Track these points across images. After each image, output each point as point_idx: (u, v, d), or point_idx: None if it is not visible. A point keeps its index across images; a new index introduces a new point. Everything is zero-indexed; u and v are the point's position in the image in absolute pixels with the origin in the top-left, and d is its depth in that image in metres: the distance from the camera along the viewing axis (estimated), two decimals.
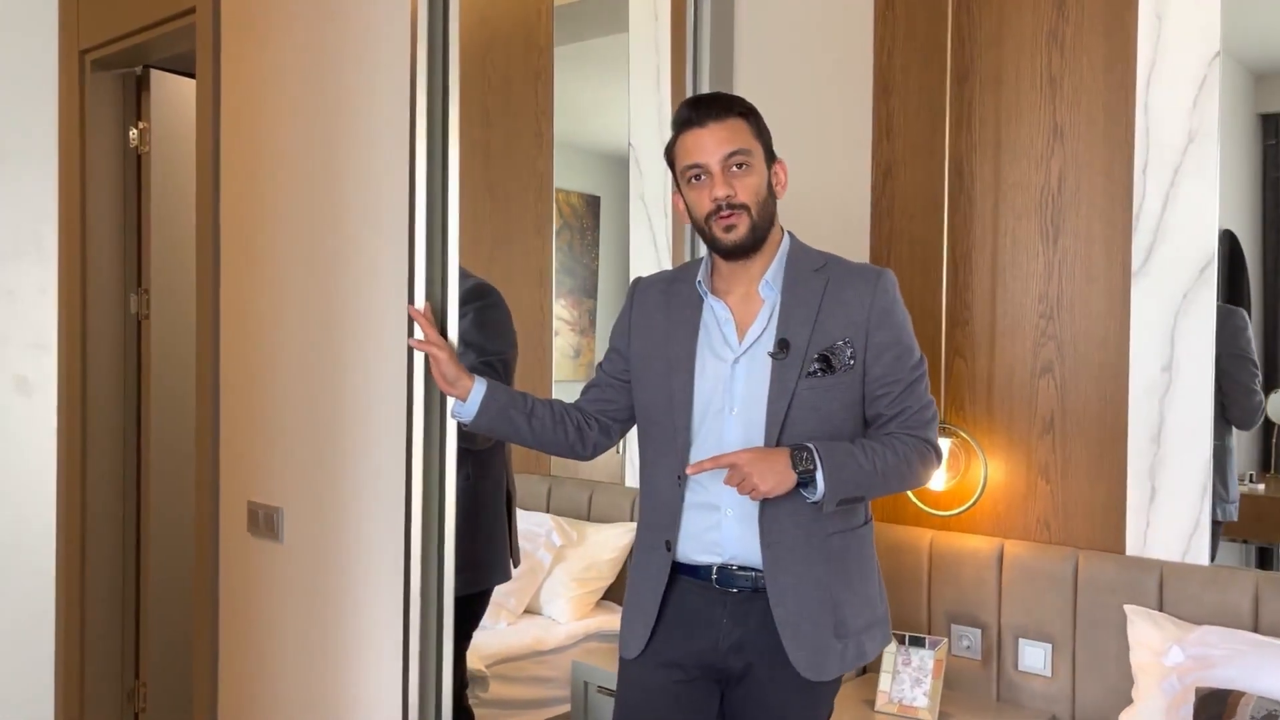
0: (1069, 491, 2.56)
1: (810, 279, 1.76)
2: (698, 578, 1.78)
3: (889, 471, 1.72)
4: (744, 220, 1.72)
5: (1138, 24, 2.46)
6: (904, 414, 1.76)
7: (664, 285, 1.88)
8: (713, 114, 1.72)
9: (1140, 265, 2.45)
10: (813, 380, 1.71)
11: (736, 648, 1.76)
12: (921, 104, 2.82)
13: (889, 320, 1.75)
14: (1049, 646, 2.52)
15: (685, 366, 1.77)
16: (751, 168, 1.73)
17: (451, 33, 1.93)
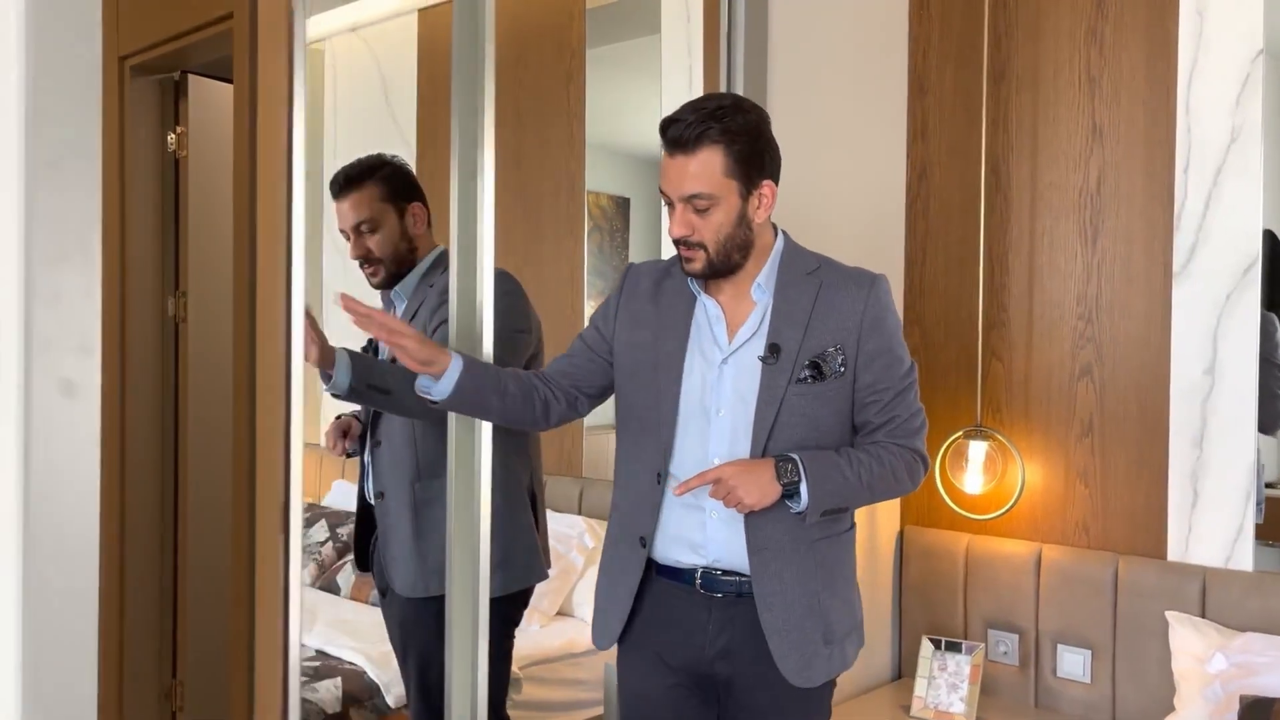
0: (1109, 495, 2.53)
1: (803, 282, 1.73)
2: (680, 581, 1.74)
3: (874, 482, 1.71)
4: (700, 257, 1.68)
5: (1179, 21, 2.42)
6: (892, 422, 1.74)
7: (657, 276, 1.82)
8: (682, 144, 1.63)
9: (1182, 266, 2.41)
10: (802, 386, 1.68)
11: (723, 654, 1.73)
12: (957, 104, 2.79)
13: (881, 328, 1.73)
14: (1088, 653, 2.49)
15: (674, 364, 1.73)
16: (714, 207, 1.65)
17: (487, 35, 1.94)
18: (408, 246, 2.22)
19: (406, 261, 2.23)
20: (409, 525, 2.18)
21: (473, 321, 1.94)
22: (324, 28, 4.00)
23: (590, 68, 3.31)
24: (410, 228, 2.22)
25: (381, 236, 2.20)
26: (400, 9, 3.76)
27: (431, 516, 2.13)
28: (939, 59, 2.83)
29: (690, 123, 1.64)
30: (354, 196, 2.20)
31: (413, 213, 2.22)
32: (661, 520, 1.73)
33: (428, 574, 2.15)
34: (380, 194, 2.20)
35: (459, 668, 1.94)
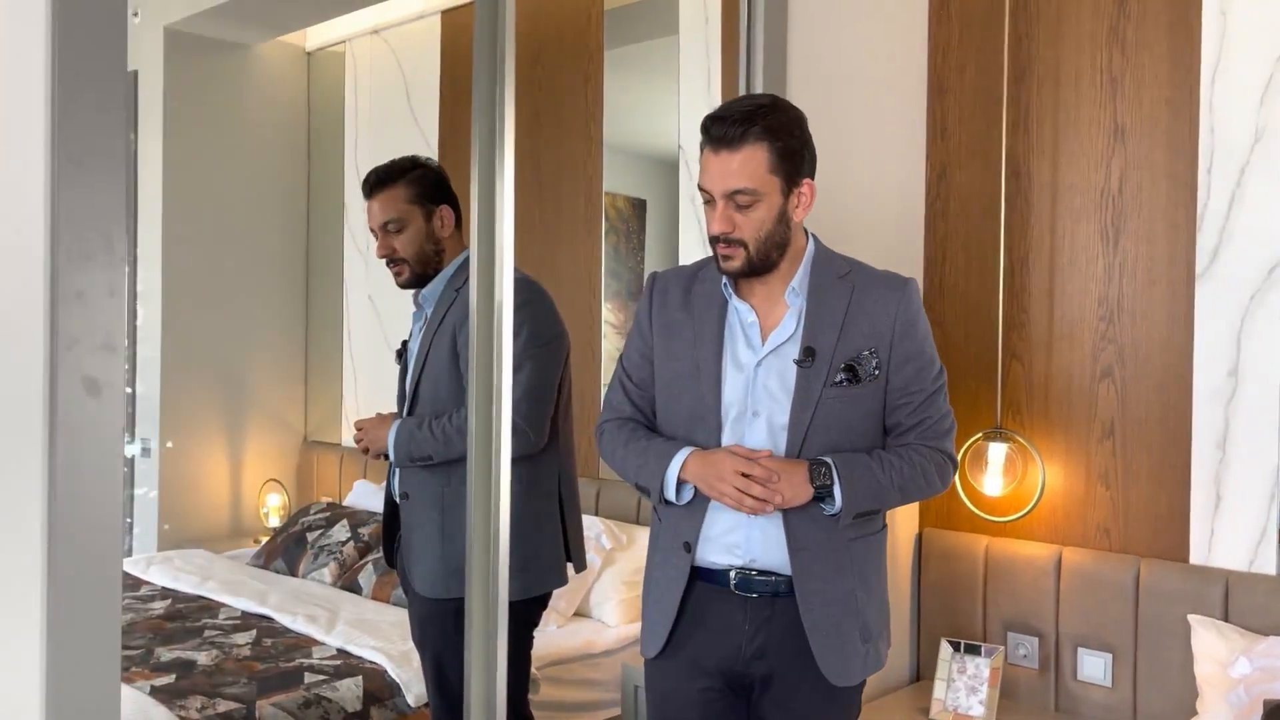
0: (1130, 498, 2.51)
1: (836, 286, 1.75)
2: (715, 583, 1.76)
3: (906, 485, 1.74)
4: (740, 255, 1.69)
5: (1202, 20, 2.40)
6: (923, 424, 1.76)
7: (685, 283, 1.83)
8: (727, 141, 1.65)
9: (1205, 267, 2.39)
10: (837, 389, 1.70)
11: (759, 654, 1.74)
12: (977, 104, 2.78)
13: (913, 331, 1.75)
14: (1109, 656, 2.47)
15: (712, 370, 1.74)
16: (758, 204, 1.66)
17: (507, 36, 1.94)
18: (434, 248, 2.25)
19: (432, 263, 2.26)
20: (433, 526, 2.20)
21: (491, 321, 1.94)
22: (345, 30, 4.02)
23: (608, 69, 3.32)
24: (437, 230, 2.24)
25: (407, 236, 2.23)
26: (423, 11, 3.78)
27: (457, 519, 2.14)
28: (959, 59, 2.82)
29: (735, 120, 1.65)
30: (383, 196, 2.23)
31: (440, 215, 2.24)
32: (704, 524, 1.75)
33: (448, 575, 2.17)
34: (408, 194, 2.23)
35: (478, 668, 1.94)
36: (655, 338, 1.82)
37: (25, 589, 1.28)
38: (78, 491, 1.29)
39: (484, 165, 1.95)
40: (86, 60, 1.29)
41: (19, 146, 1.26)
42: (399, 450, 2.19)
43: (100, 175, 1.30)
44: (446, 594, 2.17)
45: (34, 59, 1.27)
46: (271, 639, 2.78)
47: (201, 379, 3.87)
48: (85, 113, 1.28)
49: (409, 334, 2.34)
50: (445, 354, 2.20)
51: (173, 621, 2.92)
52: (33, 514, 1.28)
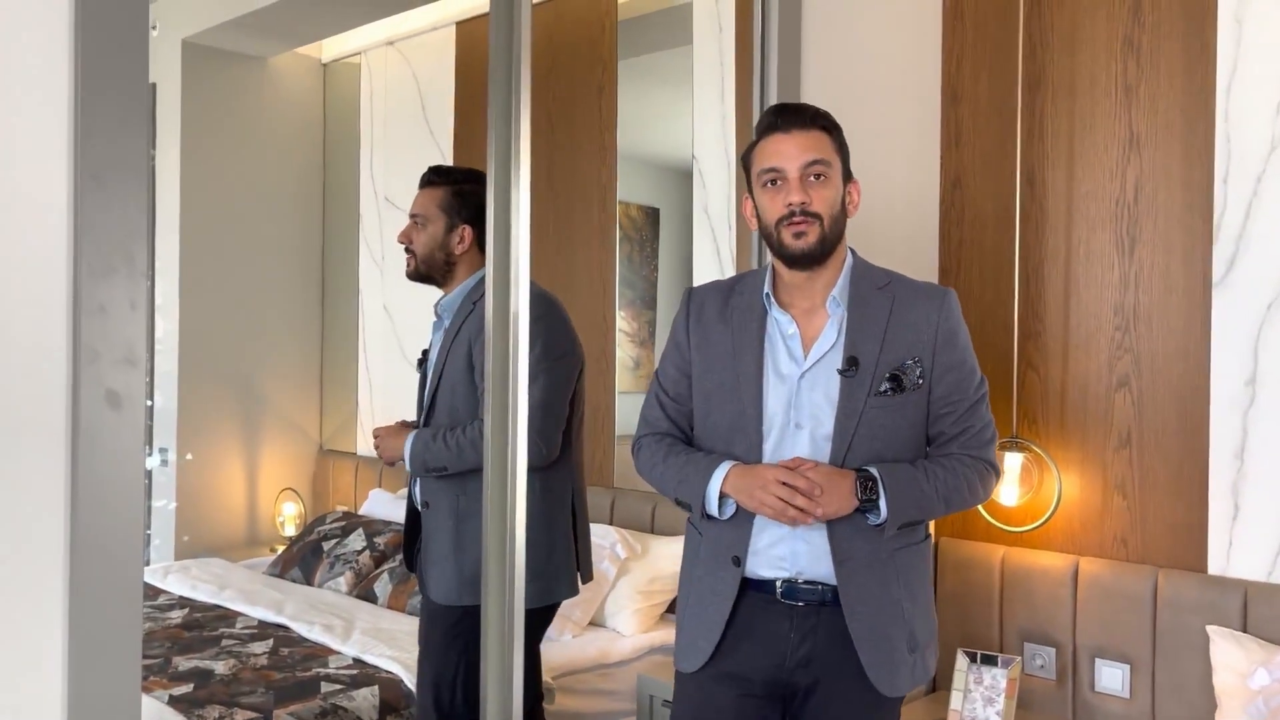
0: (1147, 508, 2.50)
1: (876, 296, 1.76)
2: (762, 592, 1.76)
3: (950, 495, 1.74)
4: (815, 230, 1.71)
5: (1217, 30, 2.40)
6: (966, 433, 1.77)
7: (722, 296, 1.84)
8: (798, 122, 1.73)
9: (1221, 276, 2.39)
10: (882, 399, 1.71)
11: (804, 662, 1.75)
12: (991, 113, 2.78)
13: (955, 341, 1.76)
14: (1127, 667, 2.46)
15: (754, 381, 1.75)
16: (829, 179, 1.72)
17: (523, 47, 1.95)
18: (443, 258, 2.32)
19: (439, 271, 2.33)
20: (448, 535, 2.24)
21: (507, 333, 1.95)
22: (361, 41, 4.05)
23: (622, 78, 3.33)
24: (452, 243, 2.31)
25: (425, 235, 2.32)
26: (438, 22, 3.80)
27: (471, 529, 2.17)
28: (973, 68, 2.82)
29: (801, 108, 1.78)
30: (427, 190, 2.34)
31: (460, 232, 2.31)
32: (752, 537, 1.75)
33: (463, 584, 2.20)
34: (442, 200, 2.32)
35: (494, 678, 1.94)
36: (693, 352, 1.83)
37: (47, 599, 1.29)
38: (99, 503, 1.31)
39: (500, 175, 1.96)
40: (109, 78, 1.30)
41: (42, 163, 1.28)
42: (414, 460, 2.23)
43: (122, 191, 1.31)
44: (459, 601, 2.21)
45: (57, 77, 1.29)
46: (288, 648, 2.79)
47: (218, 390, 3.89)
48: (107, 130, 1.30)
49: (429, 343, 2.37)
50: (461, 365, 2.23)
51: (190, 631, 2.93)
52: (55, 525, 1.29)
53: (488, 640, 1.94)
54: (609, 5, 3.35)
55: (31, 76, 1.27)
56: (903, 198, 2.76)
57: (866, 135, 2.62)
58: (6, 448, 1.26)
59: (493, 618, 1.94)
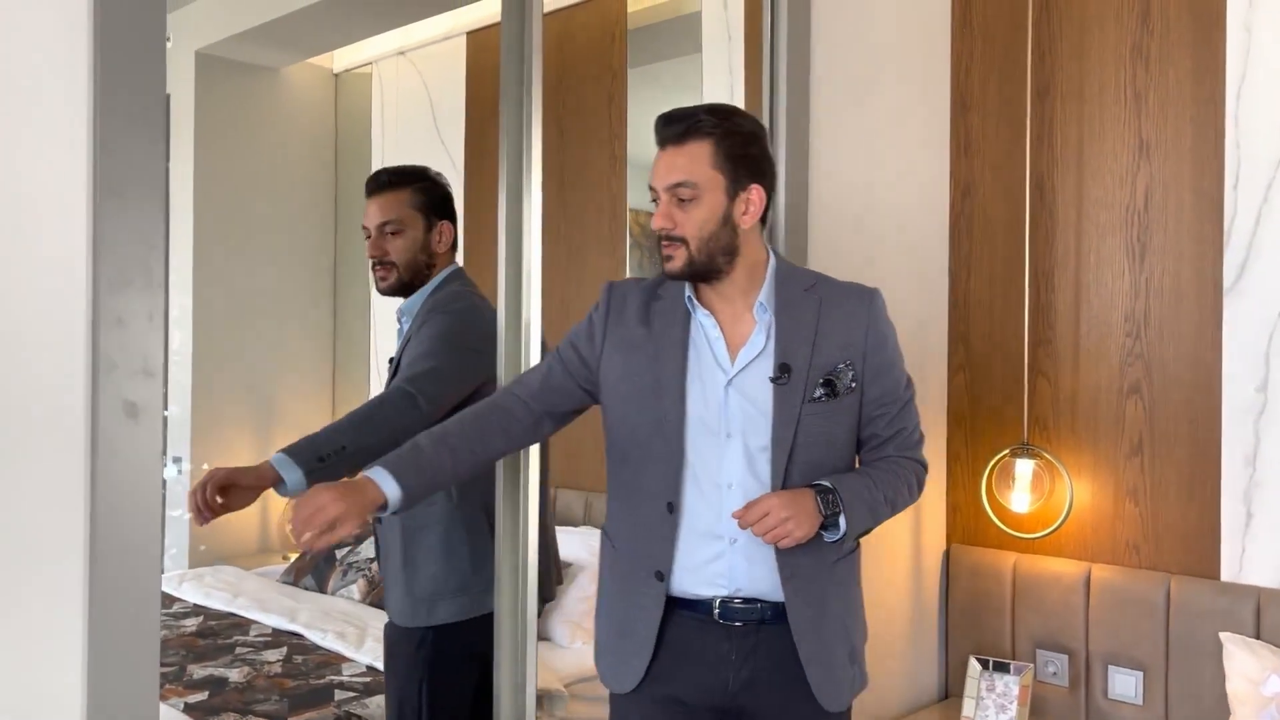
0: (1159, 515, 2.49)
1: (803, 299, 1.69)
2: (696, 612, 1.67)
3: (896, 500, 1.70)
4: (680, 253, 1.63)
5: (1226, 37, 2.40)
6: (900, 435, 1.73)
7: (644, 296, 1.74)
8: (671, 136, 1.64)
9: (1232, 283, 2.38)
10: (816, 405, 1.65)
11: (748, 684, 1.67)
12: (1001, 120, 2.78)
13: (885, 341, 1.71)
14: (1140, 674, 2.45)
15: (676, 386, 1.66)
16: (698, 200, 1.61)
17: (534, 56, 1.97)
18: (426, 260, 2.18)
19: (421, 275, 2.18)
20: (399, 552, 2.11)
21: (519, 339, 1.96)
22: (372, 51, 4.07)
23: (631, 87, 3.34)
24: (434, 243, 2.18)
25: (403, 242, 2.15)
26: (448, 32, 3.82)
27: (421, 543, 2.07)
28: (982, 75, 2.82)
29: (681, 117, 1.64)
30: (387, 196, 2.17)
31: (440, 230, 2.18)
32: (678, 552, 1.66)
33: (415, 603, 2.09)
34: (414, 201, 2.17)
35: (506, 681, 1.95)
36: (607, 349, 1.73)
37: (67, 606, 1.30)
38: (118, 511, 1.32)
39: (511, 183, 1.98)
40: (127, 94, 1.32)
41: (62, 177, 1.30)
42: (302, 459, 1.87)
43: (139, 205, 1.33)
44: (411, 622, 2.10)
45: (76, 93, 1.31)
46: (302, 656, 2.80)
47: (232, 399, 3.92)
48: (125, 144, 1.32)
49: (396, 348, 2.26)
50: None
51: (205, 638, 2.95)
52: (74, 533, 1.31)
53: (500, 643, 1.95)
54: (619, 14, 3.37)
55: (51, 92, 1.29)
56: (913, 205, 2.77)
57: (876, 144, 2.64)
58: (27, 457, 1.27)
59: (505, 625, 1.95)
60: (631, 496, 1.71)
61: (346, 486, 1.54)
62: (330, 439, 1.86)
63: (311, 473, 1.80)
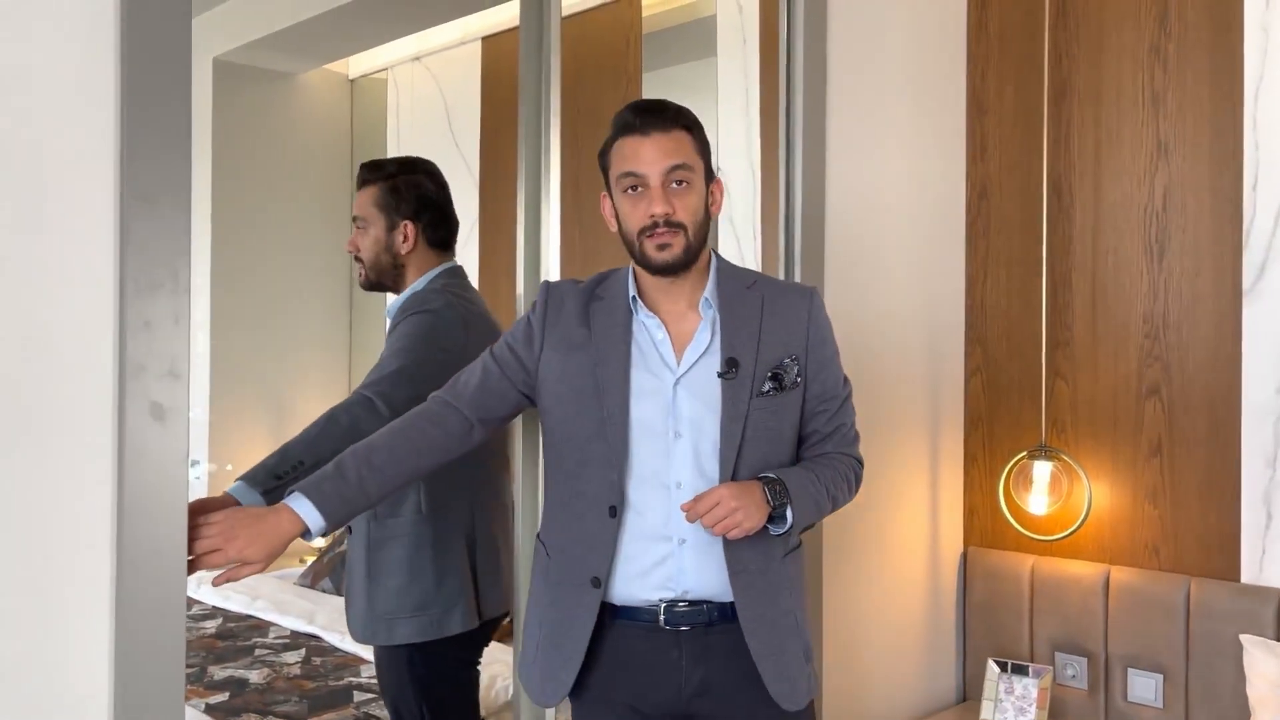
0: (1179, 517, 2.49)
1: (745, 296, 1.68)
2: (638, 620, 1.62)
3: (837, 495, 1.70)
4: (679, 240, 1.60)
5: (1244, 38, 2.40)
6: (839, 431, 1.72)
7: (583, 296, 1.71)
8: (658, 123, 1.60)
9: (1252, 284, 2.38)
10: (764, 400, 1.63)
11: (701, 691, 1.63)
12: (1017, 122, 2.78)
13: (825, 338, 1.71)
14: (1160, 677, 2.44)
15: (619, 388, 1.62)
16: (691, 185, 1.61)
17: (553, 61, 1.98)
18: (390, 261, 2.12)
19: (388, 275, 2.13)
20: (362, 566, 2.05)
21: None
22: (388, 57, 4.10)
23: (646, 90, 3.35)
24: (396, 243, 2.11)
25: (367, 240, 2.12)
26: (464, 37, 3.84)
27: (384, 558, 2.02)
28: (998, 78, 2.82)
29: (663, 108, 1.64)
30: (360, 191, 2.14)
31: (403, 230, 2.10)
32: (620, 557, 1.61)
33: (375, 620, 2.02)
34: (378, 199, 2.11)
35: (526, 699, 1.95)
36: (546, 349, 1.68)
37: (95, 606, 1.32)
38: (144, 511, 1.33)
39: (530, 187, 1.99)
40: (153, 102, 1.34)
41: (90, 183, 1.31)
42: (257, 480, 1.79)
43: (166, 210, 1.34)
44: (374, 640, 2.05)
45: (104, 101, 1.32)
46: (320, 658, 2.82)
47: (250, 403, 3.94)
48: (152, 151, 1.33)
49: None
50: None
51: (224, 640, 2.97)
52: (102, 534, 1.32)
53: None
54: (634, 19, 3.38)
55: (79, 101, 1.30)
56: (929, 208, 2.77)
57: (892, 146, 2.64)
58: (56, 458, 1.29)
59: None
60: (571, 501, 1.66)
61: (258, 517, 1.50)
62: (286, 456, 1.79)
63: (269, 493, 1.72)
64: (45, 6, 1.28)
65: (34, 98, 1.27)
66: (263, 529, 1.49)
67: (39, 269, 1.27)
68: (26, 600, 1.27)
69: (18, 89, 1.26)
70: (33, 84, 1.27)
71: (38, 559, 1.27)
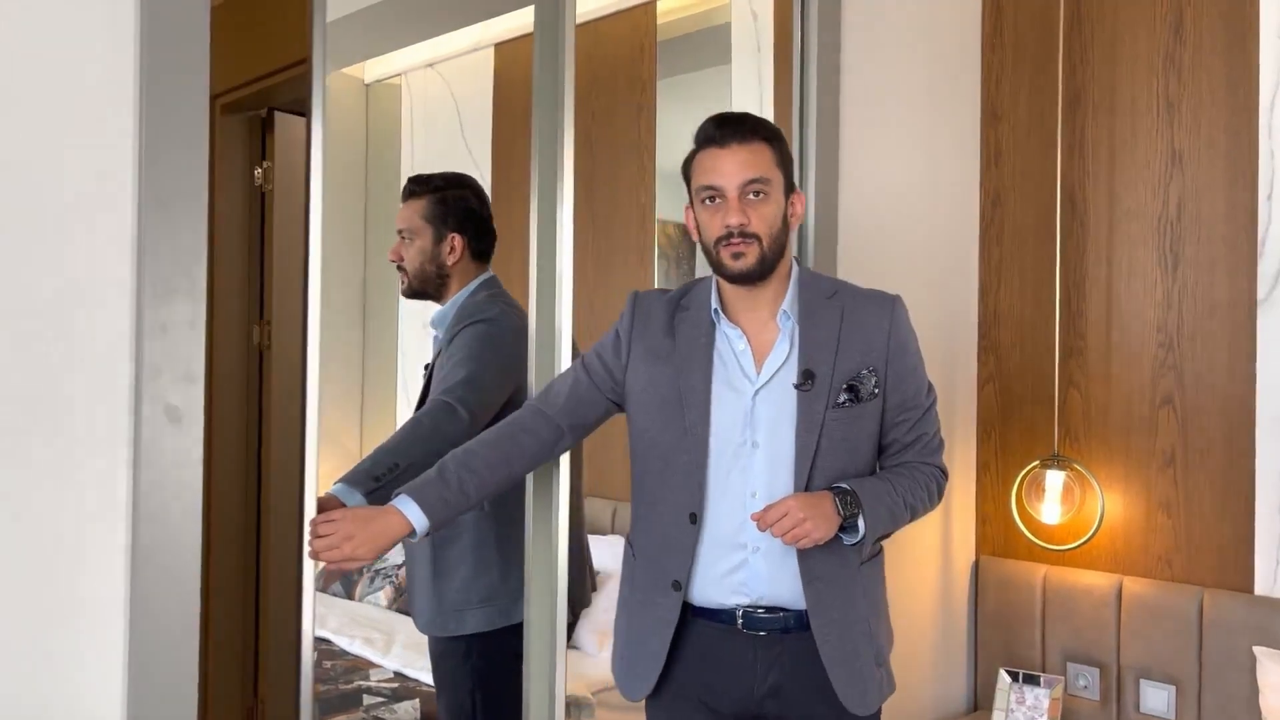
0: (1192, 527, 2.47)
1: (826, 306, 1.70)
2: (719, 621, 1.69)
3: (916, 505, 1.72)
4: (754, 250, 1.64)
5: (1259, 45, 2.39)
6: (920, 441, 1.74)
7: (669, 307, 1.76)
8: (737, 135, 1.64)
9: (1267, 293, 2.37)
10: (839, 411, 1.66)
11: (773, 692, 1.68)
12: (1031, 130, 2.78)
13: (907, 347, 1.72)
14: (1173, 688, 2.43)
15: (701, 399, 1.67)
16: (768, 197, 1.64)
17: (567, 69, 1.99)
18: (435, 271, 2.21)
19: (432, 285, 2.22)
20: (428, 564, 2.13)
21: (552, 348, 1.97)
22: (401, 63, 4.11)
23: (661, 98, 3.36)
24: (443, 254, 2.20)
25: (413, 250, 2.21)
26: (477, 44, 3.85)
27: (450, 555, 2.09)
28: (1012, 86, 2.82)
29: (742, 120, 1.68)
30: (407, 204, 2.24)
31: (450, 242, 2.20)
32: (699, 562, 1.68)
33: (444, 613, 2.12)
34: (427, 212, 2.21)
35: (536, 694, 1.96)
36: (632, 360, 1.74)
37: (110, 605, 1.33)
38: (160, 512, 1.35)
39: (544, 194, 1.99)
40: (171, 109, 1.35)
41: (110, 190, 1.32)
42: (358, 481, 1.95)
43: (183, 216, 1.36)
44: (444, 632, 2.13)
45: (123, 109, 1.33)
46: (330, 661, 2.82)
47: None
48: (170, 158, 1.34)
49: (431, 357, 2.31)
50: None
51: None
52: (118, 535, 1.33)
53: (530, 651, 1.95)
54: (648, 26, 3.39)
55: (98, 108, 1.32)
56: (942, 215, 2.77)
57: (906, 153, 2.64)
58: (74, 460, 1.30)
59: (536, 630, 1.96)
60: (655, 506, 1.72)
61: (370, 519, 1.61)
62: (382, 459, 1.92)
63: (370, 494, 1.86)
64: (65, 14, 1.30)
65: (54, 104, 1.28)
66: (375, 530, 1.60)
67: (58, 274, 1.28)
68: (42, 599, 1.28)
69: (37, 95, 1.27)
70: (52, 91, 1.28)
71: (54, 559, 1.28)
